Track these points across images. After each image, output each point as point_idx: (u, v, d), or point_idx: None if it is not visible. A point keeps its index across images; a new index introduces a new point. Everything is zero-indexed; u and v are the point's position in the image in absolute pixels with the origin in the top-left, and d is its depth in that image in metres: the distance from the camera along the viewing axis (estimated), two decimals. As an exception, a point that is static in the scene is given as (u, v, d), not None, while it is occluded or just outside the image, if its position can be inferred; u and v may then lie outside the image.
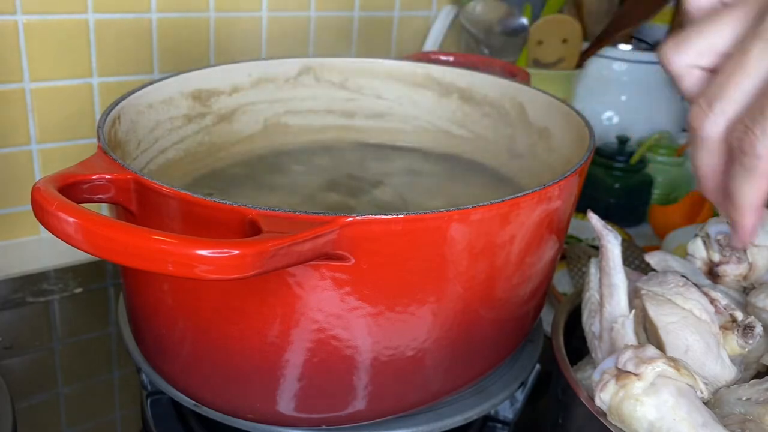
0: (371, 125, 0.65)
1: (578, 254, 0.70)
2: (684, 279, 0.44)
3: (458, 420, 0.43)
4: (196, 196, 0.33)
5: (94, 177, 0.35)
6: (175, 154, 0.54)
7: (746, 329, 0.41)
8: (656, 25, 0.98)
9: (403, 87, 0.65)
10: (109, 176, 0.35)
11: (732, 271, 0.47)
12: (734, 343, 0.41)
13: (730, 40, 0.37)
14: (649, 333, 0.43)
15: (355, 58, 0.63)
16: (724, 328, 0.41)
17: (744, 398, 0.39)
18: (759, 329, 0.41)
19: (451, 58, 0.66)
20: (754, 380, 0.40)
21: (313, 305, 0.35)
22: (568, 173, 0.40)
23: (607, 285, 0.43)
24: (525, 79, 0.62)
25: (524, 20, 0.84)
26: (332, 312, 0.35)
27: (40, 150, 0.68)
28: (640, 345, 0.38)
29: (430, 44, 0.89)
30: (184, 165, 0.54)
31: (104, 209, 0.42)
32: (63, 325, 0.60)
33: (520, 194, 0.37)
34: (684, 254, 0.68)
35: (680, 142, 0.89)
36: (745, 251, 0.46)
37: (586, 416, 0.38)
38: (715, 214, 0.81)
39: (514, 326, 0.45)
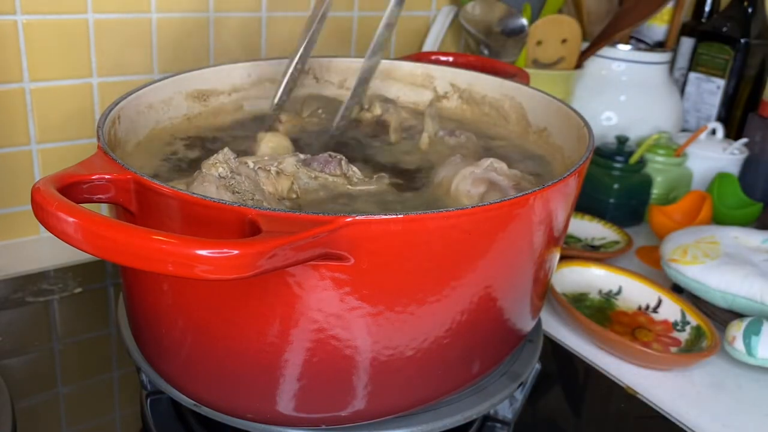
0: (371, 125, 0.65)
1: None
2: None
3: (458, 420, 0.43)
4: (196, 196, 0.33)
5: (94, 177, 0.35)
6: (175, 154, 0.54)
7: None
8: (656, 25, 0.98)
9: (402, 87, 0.65)
10: (108, 176, 0.35)
11: None
12: None
13: None
14: None
15: (355, 58, 0.63)
16: None
17: None
18: None
19: (451, 59, 0.66)
20: None
21: (313, 305, 0.35)
22: (568, 173, 0.40)
23: None
24: (524, 80, 0.62)
25: (523, 20, 0.84)
26: (332, 312, 0.35)
27: (40, 150, 0.68)
28: None
29: (430, 44, 0.89)
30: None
31: (104, 209, 0.42)
32: (63, 325, 0.60)
33: (519, 194, 0.37)
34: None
35: (680, 142, 0.89)
36: None
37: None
38: (715, 216, 0.81)
39: (514, 326, 0.45)
